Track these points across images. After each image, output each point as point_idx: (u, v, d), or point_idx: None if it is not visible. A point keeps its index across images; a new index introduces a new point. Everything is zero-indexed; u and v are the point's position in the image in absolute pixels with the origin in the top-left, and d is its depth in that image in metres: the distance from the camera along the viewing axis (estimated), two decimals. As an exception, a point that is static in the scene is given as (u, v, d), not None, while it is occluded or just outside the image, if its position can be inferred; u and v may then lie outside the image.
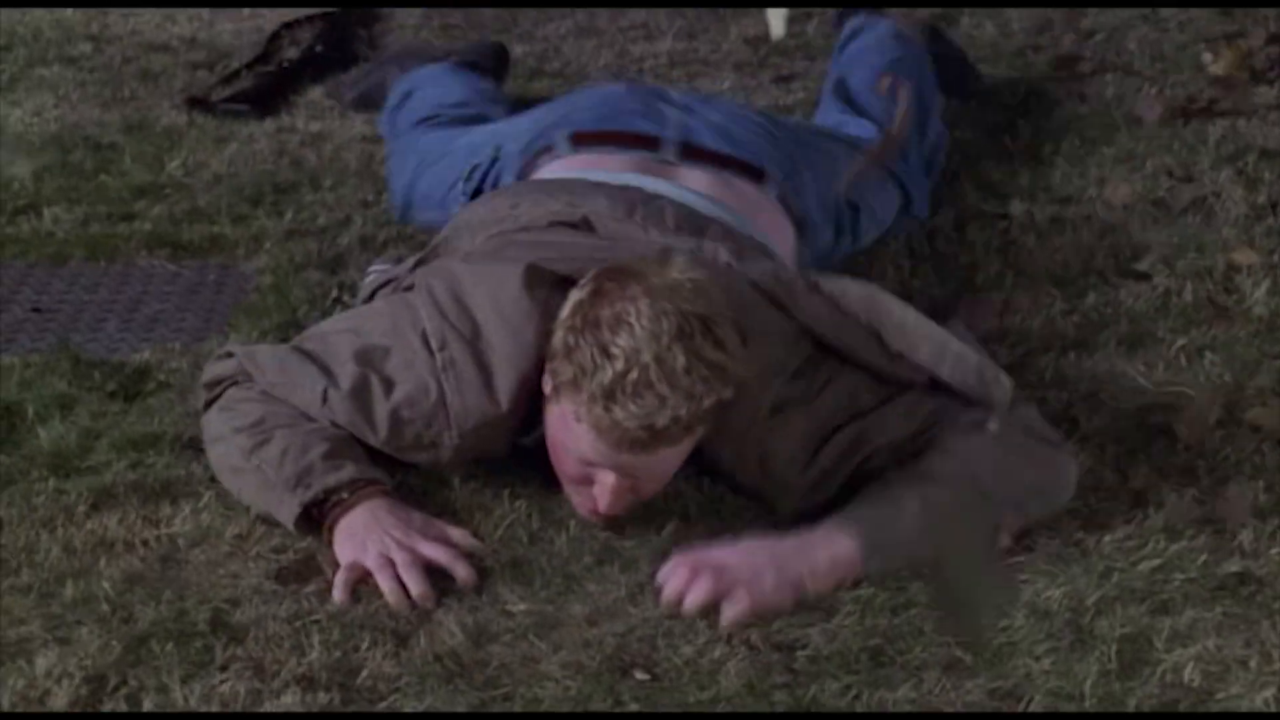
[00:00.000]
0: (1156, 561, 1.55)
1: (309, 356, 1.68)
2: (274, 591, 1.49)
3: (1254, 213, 2.32)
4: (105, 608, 1.46)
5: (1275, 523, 1.62)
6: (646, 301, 1.53)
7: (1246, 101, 2.66)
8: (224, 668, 1.39)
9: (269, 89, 2.64)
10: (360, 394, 1.64)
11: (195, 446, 1.71)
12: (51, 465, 1.67)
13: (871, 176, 2.15)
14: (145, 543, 1.56)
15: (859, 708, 1.36)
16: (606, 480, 1.58)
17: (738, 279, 1.65)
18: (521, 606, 1.48)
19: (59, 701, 1.34)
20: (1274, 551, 1.58)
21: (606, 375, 1.51)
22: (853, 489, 1.63)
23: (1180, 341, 2.00)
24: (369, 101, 2.53)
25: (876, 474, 1.63)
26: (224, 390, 1.70)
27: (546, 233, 1.75)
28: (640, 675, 1.40)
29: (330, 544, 1.56)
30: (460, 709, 1.34)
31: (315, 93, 2.67)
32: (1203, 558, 1.56)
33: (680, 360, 1.51)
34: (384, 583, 1.51)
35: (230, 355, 1.73)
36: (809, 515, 1.59)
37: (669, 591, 1.50)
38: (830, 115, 2.35)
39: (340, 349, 1.68)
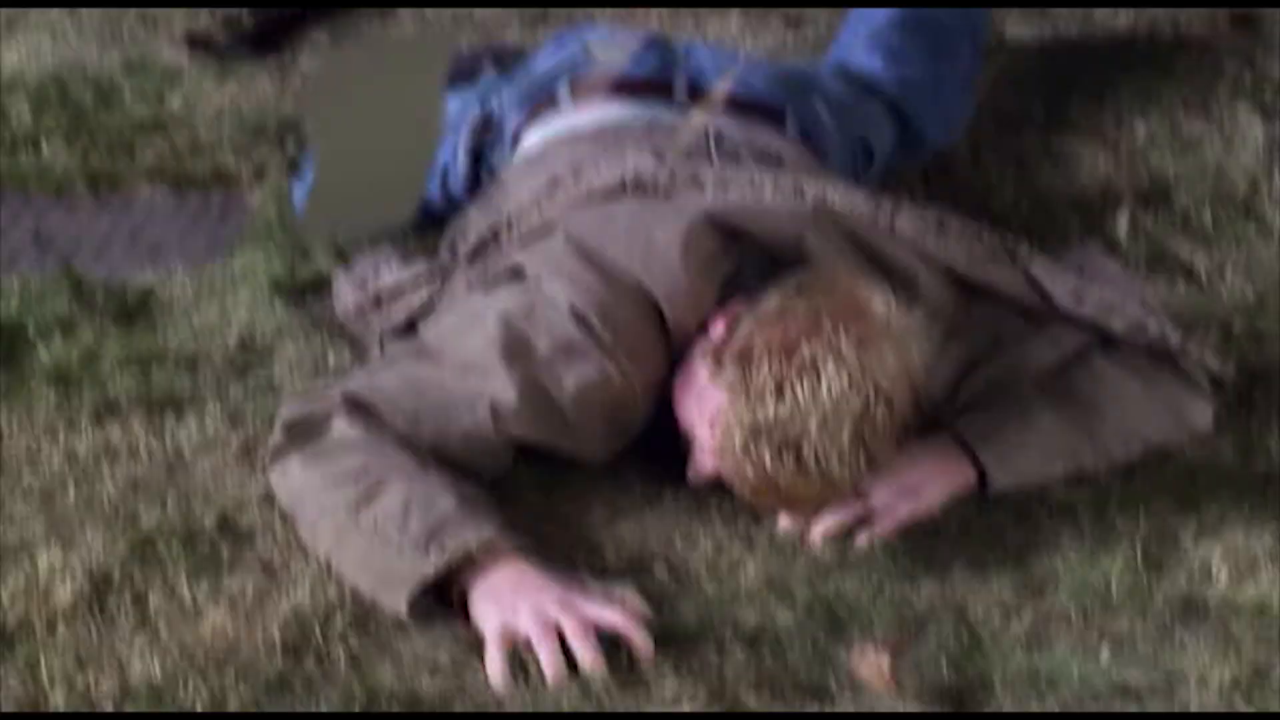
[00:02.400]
0: (1182, 462, 1.52)
1: (440, 377, 1.44)
2: (282, 498, 1.46)
3: (1272, 143, 2.30)
4: (109, 510, 1.43)
5: (1306, 428, 1.61)
6: (852, 362, 1.37)
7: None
8: (232, 566, 1.36)
9: (272, 30, 2.61)
10: (533, 393, 1.43)
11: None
12: (53, 379, 1.63)
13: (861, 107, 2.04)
14: (150, 451, 1.52)
15: (880, 603, 1.34)
16: (708, 464, 1.44)
17: (881, 237, 1.53)
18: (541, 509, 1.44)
19: (62, 598, 1.31)
20: (1304, 455, 1.57)
21: (769, 410, 1.36)
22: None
23: (1202, 261, 1.98)
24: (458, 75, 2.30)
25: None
26: (311, 434, 1.42)
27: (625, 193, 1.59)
28: (660, 573, 1.38)
29: (463, 614, 1.31)
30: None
31: (318, 34, 2.65)
32: (1229, 458, 1.53)
33: (840, 445, 1.36)
34: (545, 653, 1.26)
35: (321, 396, 1.46)
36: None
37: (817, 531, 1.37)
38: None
39: (474, 357, 1.46)
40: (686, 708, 1.21)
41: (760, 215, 1.53)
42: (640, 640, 1.28)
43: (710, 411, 1.41)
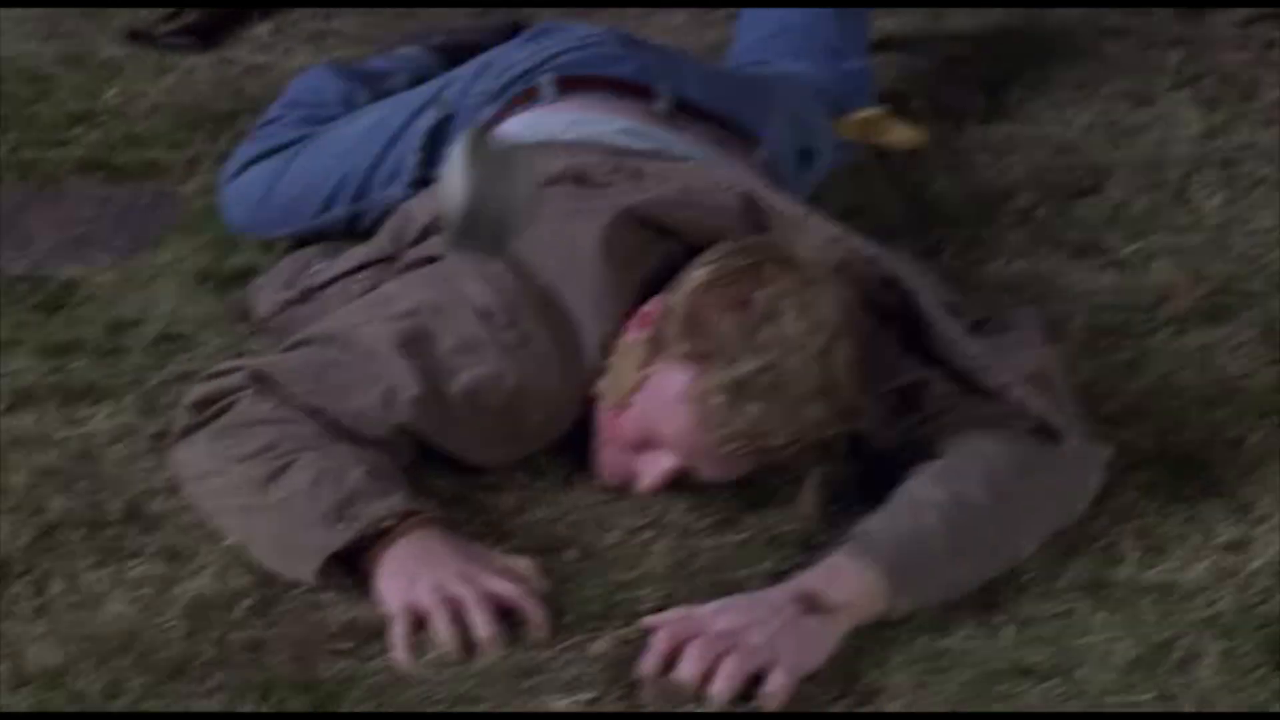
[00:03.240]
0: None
1: (341, 361, 1.42)
2: (193, 486, 1.45)
3: (1210, 133, 2.31)
4: (16, 499, 1.41)
5: (1223, 411, 1.61)
6: (806, 299, 1.35)
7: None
8: (136, 554, 1.34)
9: (214, 24, 2.60)
10: (429, 388, 1.39)
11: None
12: (-32, 369, 1.64)
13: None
14: (62, 440, 1.51)
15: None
16: (664, 463, 1.41)
17: (804, 237, 1.46)
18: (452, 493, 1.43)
19: (-41, 585, 1.31)
20: (1220, 439, 1.56)
21: (742, 367, 1.34)
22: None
23: (1132, 248, 1.99)
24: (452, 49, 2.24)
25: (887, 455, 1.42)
26: (218, 411, 1.41)
27: (585, 184, 1.54)
28: (571, 555, 1.37)
29: (368, 585, 1.29)
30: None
31: (261, 28, 2.64)
32: (1147, 443, 1.52)
33: (819, 379, 1.34)
34: (441, 624, 1.25)
35: (229, 371, 1.44)
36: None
37: (686, 677, 1.22)
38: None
39: (375, 345, 1.43)
40: (584, 695, 1.21)
41: (685, 208, 1.49)
42: (535, 614, 1.27)
43: (672, 390, 1.36)
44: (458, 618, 1.25)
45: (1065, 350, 1.70)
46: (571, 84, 1.81)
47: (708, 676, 1.22)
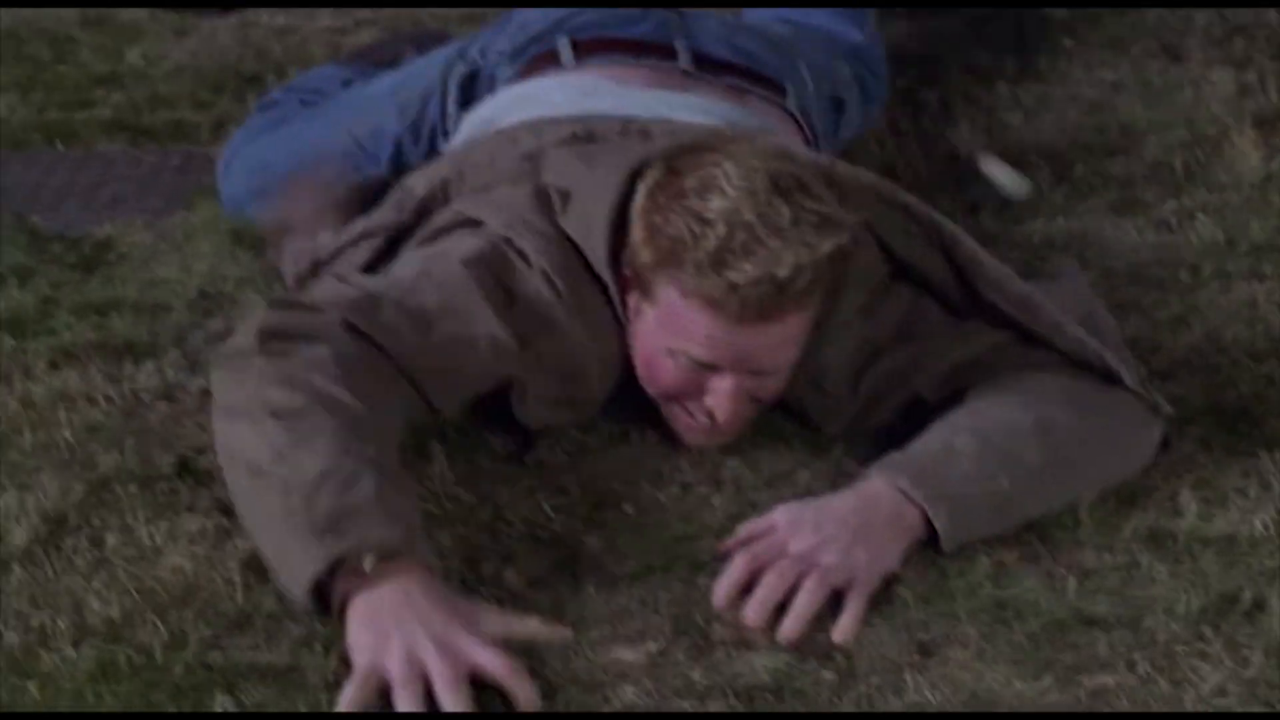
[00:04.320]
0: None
1: (430, 314, 1.35)
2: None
3: (1242, 91, 2.30)
4: (65, 455, 1.40)
5: (1272, 364, 1.60)
6: (731, 164, 1.36)
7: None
8: (191, 509, 1.33)
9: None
10: (524, 331, 1.36)
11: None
12: (9, 327, 1.60)
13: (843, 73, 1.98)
14: (107, 397, 1.49)
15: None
16: (723, 385, 1.38)
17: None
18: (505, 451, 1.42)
19: (17, 539, 1.29)
20: (1272, 392, 1.56)
21: (710, 241, 1.33)
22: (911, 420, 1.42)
23: (1171, 205, 1.97)
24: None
25: (935, 408, 1.41)
26: (283, 350, 1.29)
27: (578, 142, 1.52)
28: (629, 508, 1.36)
29: (342, 624, 1.17)
30: (444, 540, 1.30)
31: (281, -10, 2.62)
32: (1198, 396, 1.51)
33: (785, 213, 1.33)
34: (405, 703, 1.11)
35: (314, 309, 1.33)
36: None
37: (760, 603, 1.22)
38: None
39: (456, 293, 1.38)
40: (652, 645, 1.20)
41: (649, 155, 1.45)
42: (521, 691, 1.14)
43: (673, 307, 1.35)
44: (424, 694, 1.12)
45: (1110, 306, 1.70)
46: (589, 46, 1.77)
47: (787, 599, 1.22)
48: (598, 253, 1.42)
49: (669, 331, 1.38)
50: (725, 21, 1.90)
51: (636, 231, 1.38)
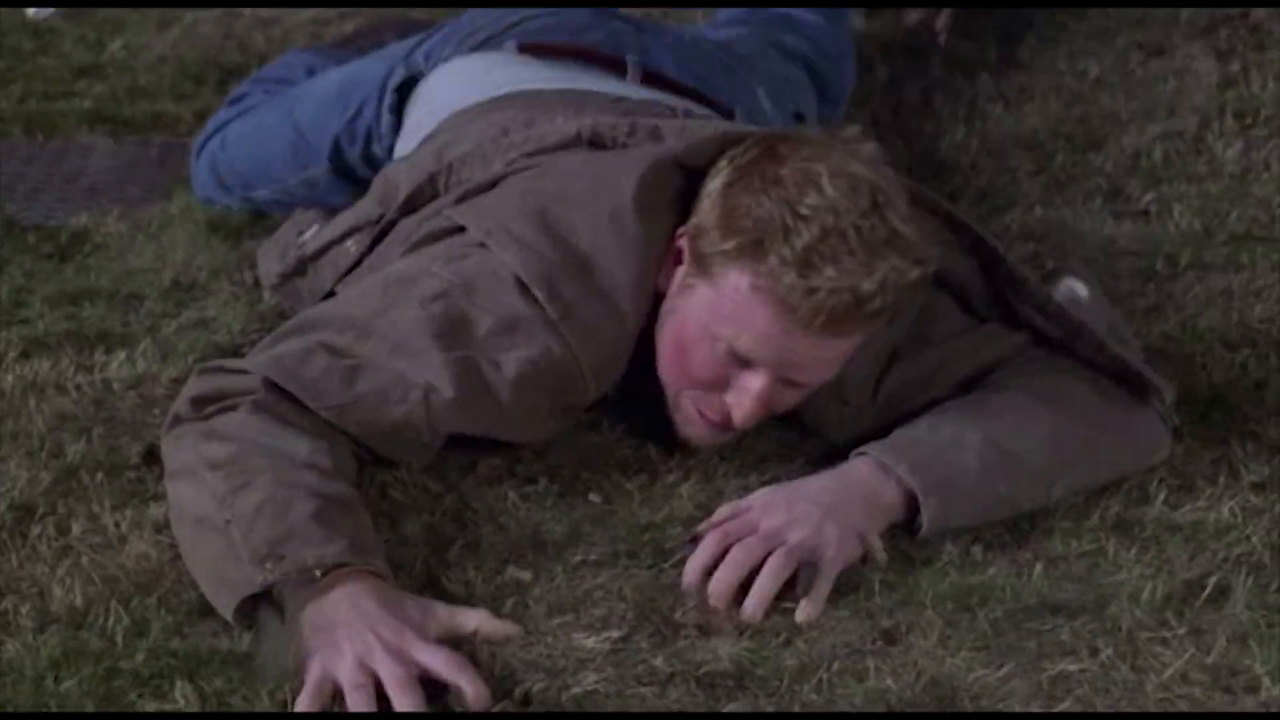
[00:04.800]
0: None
1: (368, 360, 1.30)
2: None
3: (1225, 82, 2.29)
4: (34, 443, 1.40)
5: (1246, 353, 1.60)
6: (835, 163, 1.30)
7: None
8: (157, 497, 1.33)
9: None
10: (470, 384, 1.30)
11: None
12: (-19, 317, 1.62)
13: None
14: (78, 386, 1.50)
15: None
16: (754, 383, 1.33)
17: None
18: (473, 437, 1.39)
19: (-18, 528, 1.29)
20: (1245, 381, 1.56)
21: (801, 238, 1.27)
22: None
23: (1150, 196, 1.97)
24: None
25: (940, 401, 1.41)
26: (216, 411, 1.30)
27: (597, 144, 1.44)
28: (594, 498, 1.36)
29: (293, 636, 1.18)
30: (410, 528, 1.30)
31: (264, -17, 2.62)
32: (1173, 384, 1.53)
33: (880, 231, 1.28)
34: (358, 708, 1.12)
35: (238, 371, 1.32)
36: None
37: (724, 579, 1.23)
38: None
39: (406, 336, 1.32)
40: (615, 631, 1.20)
41: (703, 145, 1.39)
42: (469, 689, 1.14)
43: (738, 295, 1.29)
44: (377, 699, 1.12)
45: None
46: (535, 50, 1.72)
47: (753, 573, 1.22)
48: (620, 253, 1.34)
49: (721, 316, 1.32)
50: (681, 39, 1.84)
51: (711, 208, 1.33)
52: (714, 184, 1.34)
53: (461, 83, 1.65)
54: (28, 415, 1.44)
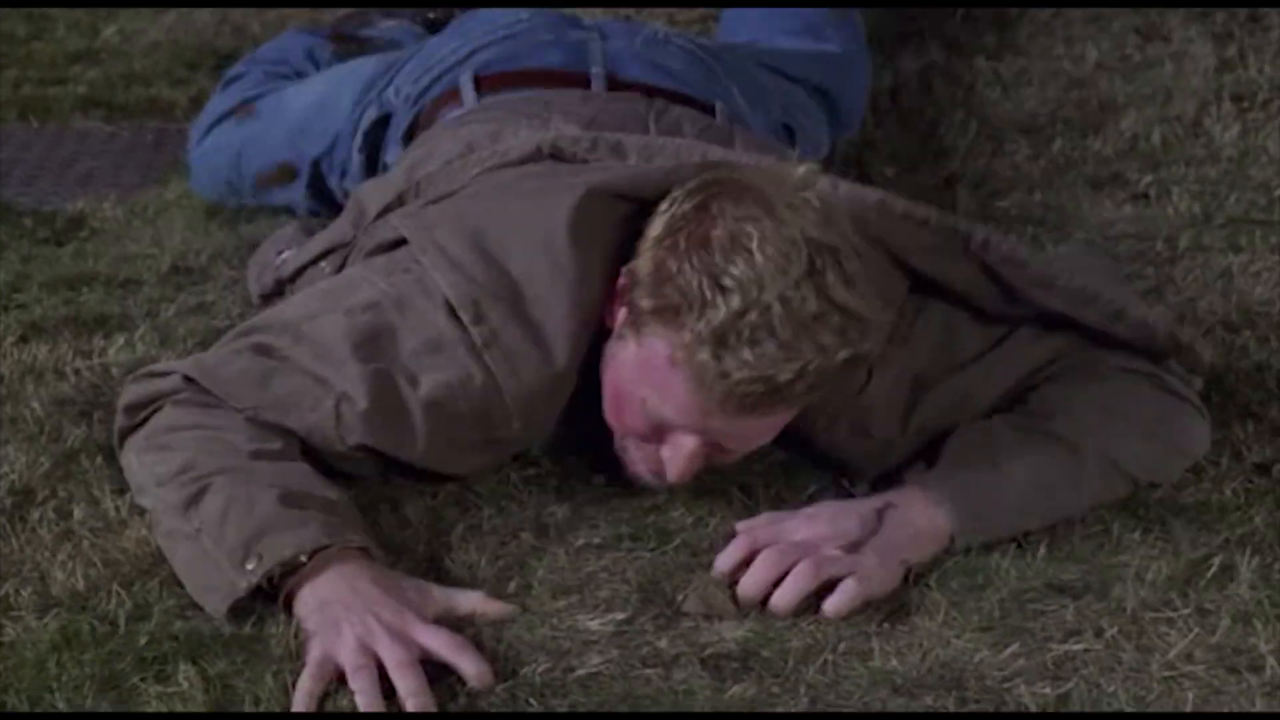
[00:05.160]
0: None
1: (288, 362, 1.29)
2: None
3: (1223, 66, 2.29)
4: (33, 428, 1.39)
5: (1246, 335, 1.59)
6: (770, 224, 1.21)
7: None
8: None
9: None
10: (385, 398, 1.26)
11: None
12: (-22, 302, 1.61)
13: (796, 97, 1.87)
14: (77, 371, 1.49)
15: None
16: (685, 444, 1.28)
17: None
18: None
19: (-18, 511, 1.29)
20: (1245, 362, 1.56)
21: (718, 313, 1.20)
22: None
23: (1149, 179, 1.97)
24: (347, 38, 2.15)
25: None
26: (148, 416, 1.30)
27: (558, 161, 1.40)
28: (597, 480, 1.35)
29: (290, 616, 1.17)
30: (412, 512, 1.30)
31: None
32: (1174, 369, 1.52)
33: (811, 305, 1.20)
34: (361, 692, 1.11)
35: (164, 374, 1.32)
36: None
37: (751, 584, 1.20)
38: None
39: (330, 343, 1.30)
40: (619, 613, 1.20)
41: (647, 178, 1.33)
42: (471, 669, 1.13)
43: (657, 361, 1.23)
44: (380, 682, 1.11)
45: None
46: (493, 81, 1.66)
47: (777, 583, 1.19)
48: (552, 282, 1.28)
49: (644, 380, 1.26)
50: (652, 38, 1.77)
51: (644, 261, 1.26)
52: (651, 230, 1.28)
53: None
54: (26, 400, 1.43)
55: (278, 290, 1.54)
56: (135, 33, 2.30)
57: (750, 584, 1.22)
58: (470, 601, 1.20)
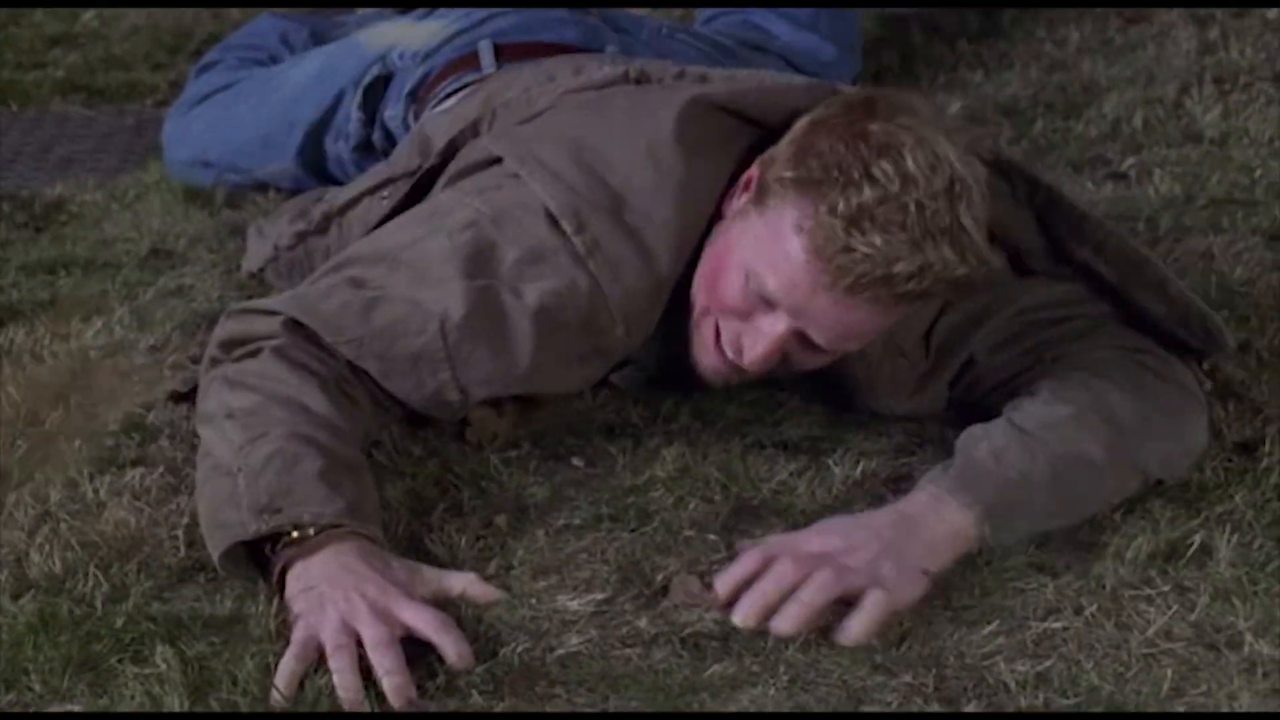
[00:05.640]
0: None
1: (387, 290, 1.29)
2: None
3: (1204, 48, 2.29)
4: (11, 412, 1.39)
5: (1225, 314, 1.58)
6: (925, 138, 1.24)
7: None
8: (135, 463, 1.32)
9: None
10: (487, 311, 1.27)
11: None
12: (-46, 286, 1.61)
13: None
14: (55, 355, 1.48)
15: (798, 487, 1.32)
16: (771, 328, 1.28)
17: None
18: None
19: (-42, 494, 1.28)
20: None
21: (860, 194, 1.22)
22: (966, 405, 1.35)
23: (1130, 161, 1.98)
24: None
25: (991, 391, 1.35)
26: (243, 355, 1.30)
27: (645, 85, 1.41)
28: (576, 462, 1.35)
29: (279, 595, 1.18)
30: (393, 493, 1.29)
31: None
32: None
33: (945, 219, 1.23)
34: (338, 670, 1.11)
35: (265, 313, 1.31)
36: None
37: (758, 599, 1.15)
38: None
39: (430, 266, 1.30)
40: (599, 594, 1.20)
41: (768, 95, 1.35)
42: (452, 649, 1.13)
43: (782, 229, 1.24)
44: (359, 662, 1.11)
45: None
46: (512, 50, 1.67)
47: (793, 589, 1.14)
48: (657, 188, 1.29)
49: (758, 250, 1.28)
50: (659, 32, 1.80)
51: (790, 141, 1.27)
52: (801, 122, 1.29)
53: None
54: (3, 383, 1.42)
55: (323, 228, 1.52)
56: (114, 17, 2.29)
57: (754, 598, 1.15)
58: (461, 583, 1.20)
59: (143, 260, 1.66)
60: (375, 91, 1.70)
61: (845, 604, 1.15)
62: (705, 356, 1.34)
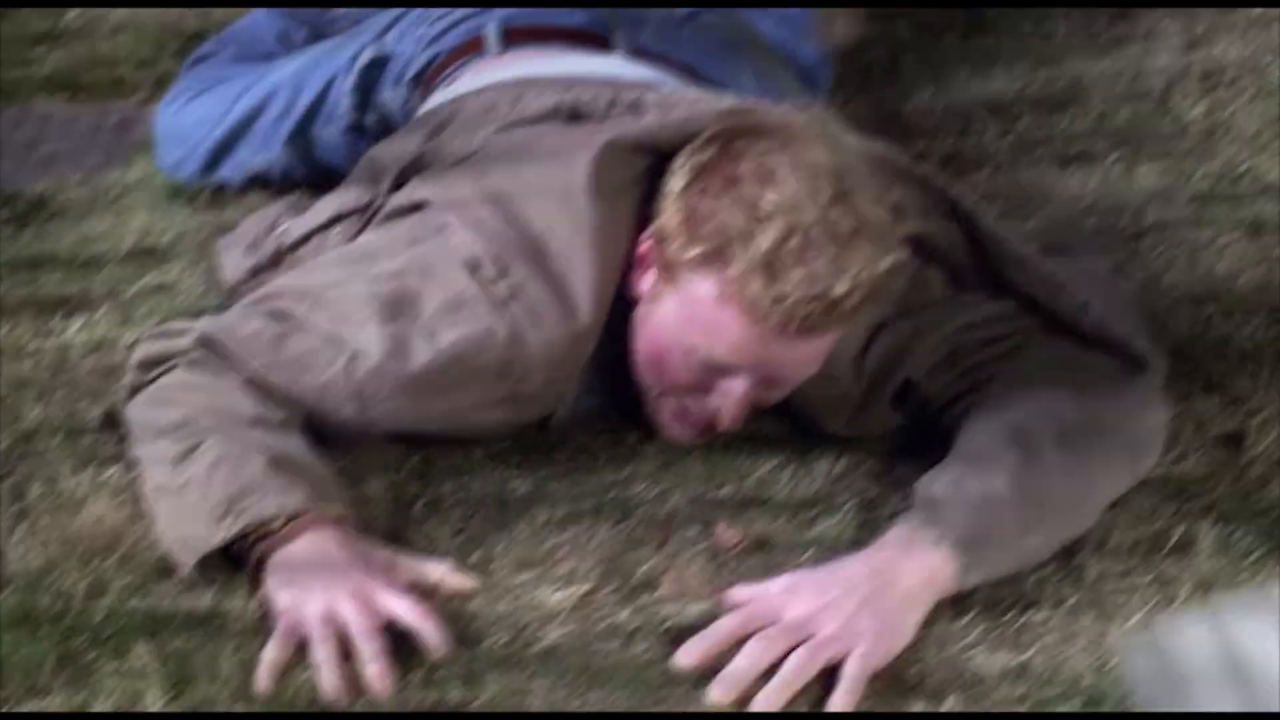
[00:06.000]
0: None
1: (305, 326, 1.30)
2: (173, 395, 1.43)
3: (1191, 44, 2.30)
4: (-9, 407, 1.40)
5: (1210, 307, 1.60)
6: (793, 154, 1.25)
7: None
8: (115, 460, 1.32)
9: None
10: (399, 354, 1.27)
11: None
12: (-64, 283, 1.60)
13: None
14: (36, 351, 1.48)
15: (783, 477, 1.32)
16: (736, 388, 1.29)
17: None
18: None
19: (-63, 491, 1.28)
20: (1210, 335, 1.56)
21: (764, 240, 1.22)
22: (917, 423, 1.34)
23: (1115, 156, 1.98)
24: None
25: (940, 412, 1.33)
26: (161, 374, 1.32)
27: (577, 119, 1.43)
28: (561, 456, 1.35)
29: (258, 585, 1.19)
30: (374, 487, 1.29)
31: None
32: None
33: (848, 222, 1.23)
34: (322, 661, 1.13)
35: (179, 332, 1.34)
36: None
37: (737, 681, 1.12)
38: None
39: (349, 304, 1.31)
40: (579, 587, 1.20)
41: (677, 128, 1.34)
42: (431, 636, 1.14)
43: (704, 305, 1.25)
44: (343, 650, 1.13)
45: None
46: (519, 35, 1.66)
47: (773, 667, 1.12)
48: (573, 236, 1.29)
49: (691, 327, 1.28)
50: (668, 20, 1.76)
51: (672, 214, 1.28)
52: (674, 184, 1.30)
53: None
54: (-15, 380, 1.43)
55: (275, 262, 1.52)
56: (99, 14, 2.27)
57: (728, 682, 1.12)
58: (438, 571, 1.22)
59: (125, 257, 1.65)
60: (371, 73, 1.69)
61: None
62: (672, 430, 1.35)
